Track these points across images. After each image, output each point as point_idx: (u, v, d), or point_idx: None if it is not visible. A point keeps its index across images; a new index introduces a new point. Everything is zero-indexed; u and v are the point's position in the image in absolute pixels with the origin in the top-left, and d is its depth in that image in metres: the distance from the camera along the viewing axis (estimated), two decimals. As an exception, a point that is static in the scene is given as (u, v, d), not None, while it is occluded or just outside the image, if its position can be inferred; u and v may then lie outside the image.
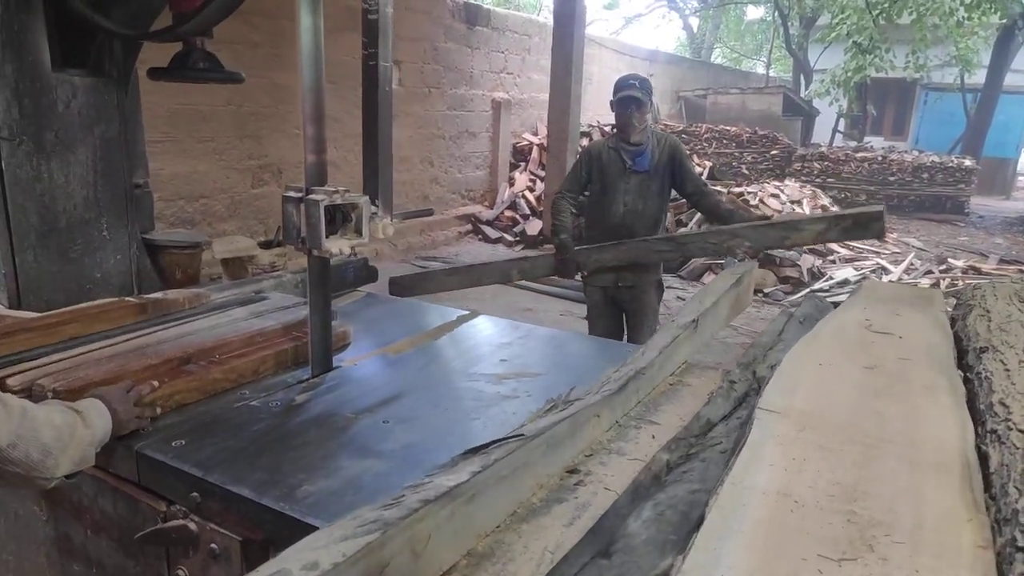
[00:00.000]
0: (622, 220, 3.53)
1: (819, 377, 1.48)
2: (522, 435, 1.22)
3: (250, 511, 1.28)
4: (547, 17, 10.51)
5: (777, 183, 10.05)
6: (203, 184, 6.24)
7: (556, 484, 1.29)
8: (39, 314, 1.83)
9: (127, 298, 2.03)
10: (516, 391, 1.78)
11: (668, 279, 3.91)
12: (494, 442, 1.18)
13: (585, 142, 9.80)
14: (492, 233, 8.94)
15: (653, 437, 1.49)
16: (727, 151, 13.14)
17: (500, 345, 2.14)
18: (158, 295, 2.06)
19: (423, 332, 2.24)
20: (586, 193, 3.72)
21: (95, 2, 2.16)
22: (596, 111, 11.88)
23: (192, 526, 1.34)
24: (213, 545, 1.32)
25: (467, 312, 2.45)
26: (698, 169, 8.57)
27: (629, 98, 3.38)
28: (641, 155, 3.48)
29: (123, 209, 2.44)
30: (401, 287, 3.70)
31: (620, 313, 3.77)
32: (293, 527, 1.20)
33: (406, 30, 7.96)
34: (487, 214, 9.24)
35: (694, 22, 24.94)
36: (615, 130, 3.62)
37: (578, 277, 3.82)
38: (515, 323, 2.44)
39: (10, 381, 1.52)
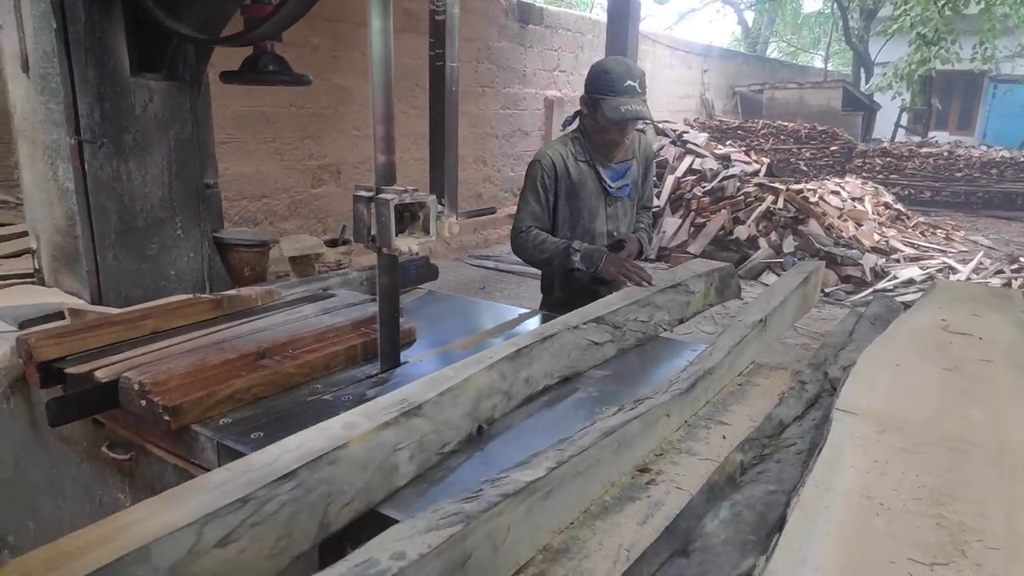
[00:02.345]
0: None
1: (897, 378, 1.44)
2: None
3: (327, 503, 1.30)
4: (600, 14, 10.43)
5: (837, 180, 9.82)
6: (265, 184, 6.40)
7: (628, 482, 1.29)
8: (120, 309, 1.90)
9: (202, 295, 2.09)
10: (580, 387, 1.78)
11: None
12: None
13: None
14: (544, 231, 8.96)
15: (724, 437, 1.48)
16: (785, 147, 12.90)
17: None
18: (232, 292, 2.12)
19: (485, 330, 2.25)
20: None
21: (170, 9, 2.23)
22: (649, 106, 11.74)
23: (270, 516, 1.38)
24: (290, 535, 1.36)
25: (527, 311, 2.45)
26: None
27: (635, 119, 2.45)
28: (625, 173, 2.67)
29: (196, 208, 2.52)
30: None
31: None
32: (370, 520, 1.22)
33: (460, 30, 8.00)
34: (539, 212, 9.26)
35: (749, 16, 24.47)
36: (578, 135, 2.63)
37: None
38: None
39: (98, 373, 1.58)
